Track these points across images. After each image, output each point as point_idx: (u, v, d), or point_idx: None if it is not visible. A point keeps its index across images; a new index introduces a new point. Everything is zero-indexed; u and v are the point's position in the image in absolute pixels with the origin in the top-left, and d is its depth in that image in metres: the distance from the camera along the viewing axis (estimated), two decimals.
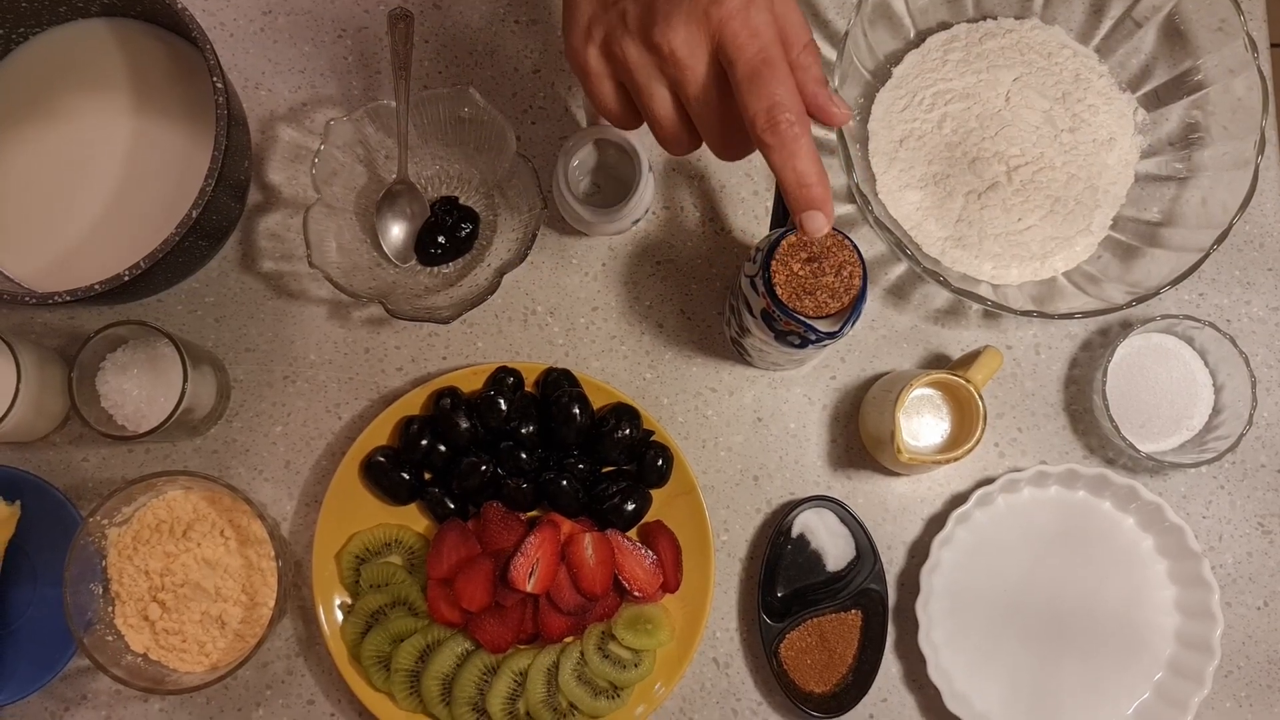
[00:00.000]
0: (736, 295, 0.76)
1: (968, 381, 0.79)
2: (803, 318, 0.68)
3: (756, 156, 0.63)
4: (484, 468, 0.79)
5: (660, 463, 0.80)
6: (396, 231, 0.83)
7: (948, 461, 0.78)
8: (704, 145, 0.62)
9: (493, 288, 0.78)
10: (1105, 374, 0.82)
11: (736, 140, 0.60)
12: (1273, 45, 0.95)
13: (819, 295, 0.68)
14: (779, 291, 0.68)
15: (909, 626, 0.82)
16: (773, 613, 0.81)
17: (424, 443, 0.80)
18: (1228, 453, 0.82)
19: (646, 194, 0.80)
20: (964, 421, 0.81)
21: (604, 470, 0.82)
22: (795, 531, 0.83)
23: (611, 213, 0.79)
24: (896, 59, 0.87)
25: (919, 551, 0.84)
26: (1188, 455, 0.84)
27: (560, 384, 0.81)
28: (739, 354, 0.84)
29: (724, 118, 0.59)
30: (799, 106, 0.57)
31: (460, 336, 0.85)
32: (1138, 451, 0.81)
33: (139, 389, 0.78)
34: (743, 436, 0.85)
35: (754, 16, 0.56)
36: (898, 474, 0.85)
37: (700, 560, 0.80)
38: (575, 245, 0.86)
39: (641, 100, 0.61)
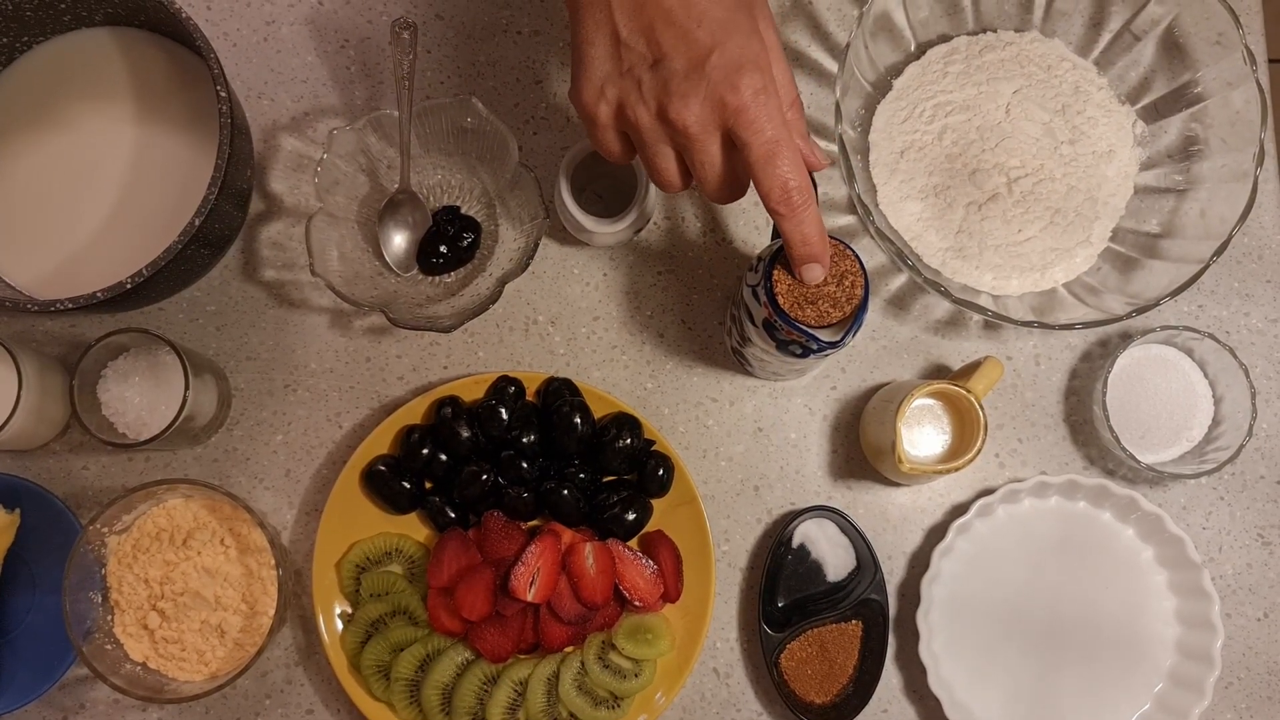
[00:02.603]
0: (738, 305, 0.76)
1: (968, 392, 0.79)
2: (805, 327, 0.68)
3: None
4: (485, 477, 0.79)
5: (661, 472, 0.80)
6: (398, 241, 0.83)
7: (948, 472, 0.78)
8: None
9: (494, 297, 0.78)
10: (1105, 385, 0.82)
11: (732, 194, 0.65)
12: (1271, 60, 0.95)
13: (821, 304, 0.68)
14: (781, 301, 0.68)
15: (909, 637, 0.82)
16: (773, 623, 0.81)
17: (425, 452, 0.80)
18: (1227, 464, 0.82)
19: (648, 204, 0.80)
20: (964, 432, 0.81)
21: (605, 480, 0.82)
22: (796, 541, 0.83)
23: (613, 223, 0.79)
24: (897, 71, 0.87)
25: (919, 562, 0.84)
26: (1187, 466, 0.84)
27: (561, 393, 0.81)
28: (740, 364, 0.84)
29: (725, 180, 0.64)
30: (806, 180, 0.62)
31: (461, 346, 0.85)
32: (1138, 462, 0.81)
33: (140, 397, 0.78)
34: (743, 446, 0.85)
35: (766, 103, 0.60)
36: (898, 484, 0.85)
37: (701, 570, 0.80)
38: (577, 255, 0.87)
39: (646, 156, 0.65)
